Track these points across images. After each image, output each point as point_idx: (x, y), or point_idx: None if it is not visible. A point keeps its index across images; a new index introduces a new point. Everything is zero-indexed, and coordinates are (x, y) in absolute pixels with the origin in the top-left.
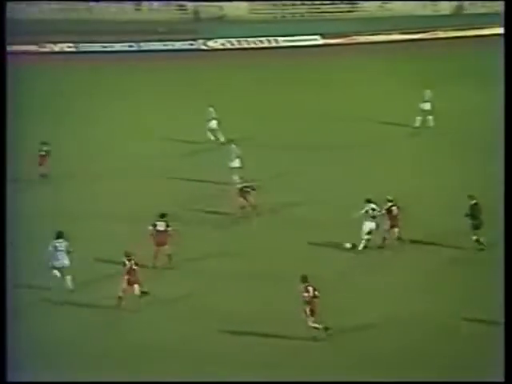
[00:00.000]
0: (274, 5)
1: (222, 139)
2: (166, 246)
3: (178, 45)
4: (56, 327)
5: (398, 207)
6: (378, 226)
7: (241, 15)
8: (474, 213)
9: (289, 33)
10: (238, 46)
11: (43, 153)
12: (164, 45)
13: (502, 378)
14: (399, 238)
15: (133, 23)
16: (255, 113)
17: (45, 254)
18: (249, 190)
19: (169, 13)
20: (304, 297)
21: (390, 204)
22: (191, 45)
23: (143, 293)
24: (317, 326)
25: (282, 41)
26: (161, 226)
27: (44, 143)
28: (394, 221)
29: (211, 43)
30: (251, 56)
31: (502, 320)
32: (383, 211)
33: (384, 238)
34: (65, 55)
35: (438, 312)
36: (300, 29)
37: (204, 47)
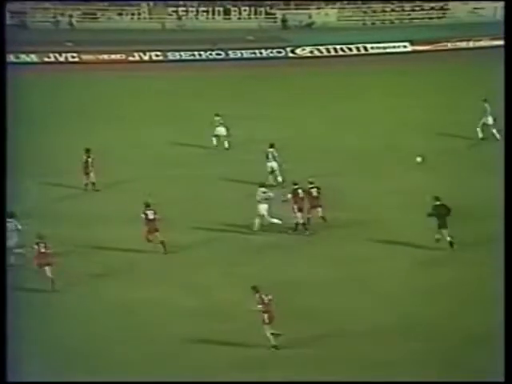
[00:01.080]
0: (363, 12)
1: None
2: (158, 233)
3: (265, 53)
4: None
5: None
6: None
7: (329, 22)
8: (437, 213)
9: (378, 40)
10: (326, 54)
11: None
12: (252, 53)
13: (502, 378)
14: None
15: (222, 32)
16: (344, 119)
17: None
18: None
19: (257, 21)
20: (260, 307)
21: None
22: (279, 53)
23: None
24: (275, 332)
25: (371, 48)
26: (150, 214)
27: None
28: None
29: (299, 51)
30: (340, 63)
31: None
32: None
33: (308, 218)
34: (154, 64)
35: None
36: (389, 35)
37: (292, 55)
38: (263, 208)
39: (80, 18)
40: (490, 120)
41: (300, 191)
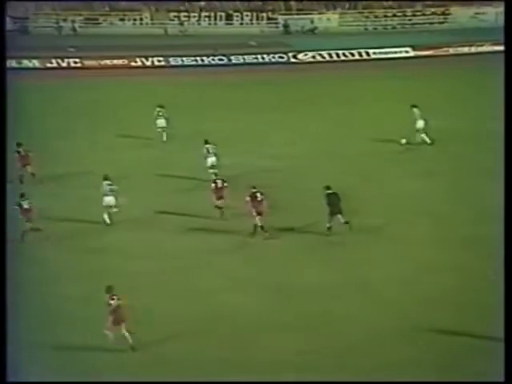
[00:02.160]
0: (365, 17)
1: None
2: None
3: (267, 58)
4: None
5: (262, 193)
6: (116, 199)
7: (331, 27)
8: (329, 201)
9: (380, 45)
10: (328, 59)
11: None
12: (254, 58)
13: (502, 378)
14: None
15: (224, 37)
16: (346, 124)
17: None
18: None
19: (259, 26)
20: (110, 306)
21: (253, 191)
22: (281, 58)
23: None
24: (128, 337)
25: (373, 53)
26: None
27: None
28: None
29: (301, 56)
30: (341, 68)
31: None
32: None
33: (255, 226)
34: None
35: None
36: (391, 40)
37: (294, 60)
38: (108, 200)
39: (82, 24)
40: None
41: (258, 194)
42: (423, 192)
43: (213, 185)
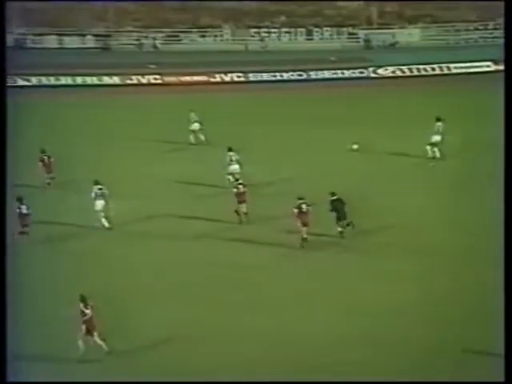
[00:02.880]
0: (446, 31)
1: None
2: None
3: (347, 73)
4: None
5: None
6: (107, 202)
7: (413, 42)
8: (334, 207)
9: (461, 59)
10: (408, 74)
11: None
12: (333, 73)
13: (502, 378)
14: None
15: (304, 53)
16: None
17: None
18: None
19: (340, 41)
20: (83, 315)
21: (299, 202)
22: (361, 73)
23: None
24: (103, 345)
25: (454, 67)
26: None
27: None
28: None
29: (381, 71)
30: (422, 83)
31: None
32: None
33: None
34: (234, 85)
35: None
36: (472, 55)
37: (374, 75)
38: (99, 204)
39: (164, 41)
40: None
41: (304, 206)
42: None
43: (234, 190)
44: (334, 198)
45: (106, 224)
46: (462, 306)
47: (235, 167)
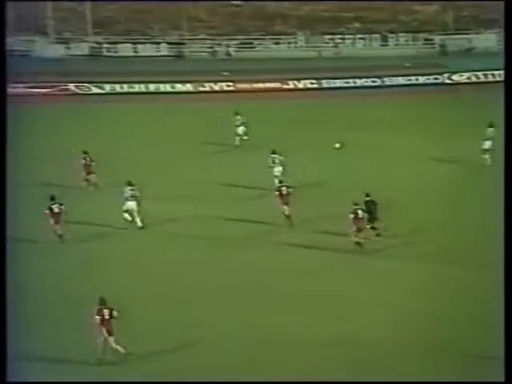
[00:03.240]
0: None
1: None
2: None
3: (422, 79)
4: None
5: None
6: (138, 204)
7: (490, 47)
8: (368, 208)
9: None
10: (483, 80)
11: None
12: (408, 79)
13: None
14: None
15: (379, 59)
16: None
17: None
18: None
19: (415, 47)
20: (97, 319)
21: (355, 207)
22: (436, 79)
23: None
24: (118, 348)
25: None
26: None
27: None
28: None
29: (456, 77)
30: (498, 89)
31: None
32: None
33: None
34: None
35: None
36: None
37: (448, 81)
38: (131, 205)
39: (237, 48)
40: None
41: (360, 212)
42: None
43: (276, 192)
44: (368, 199)
45: (139, 223)
46: None
47: (278, 169)
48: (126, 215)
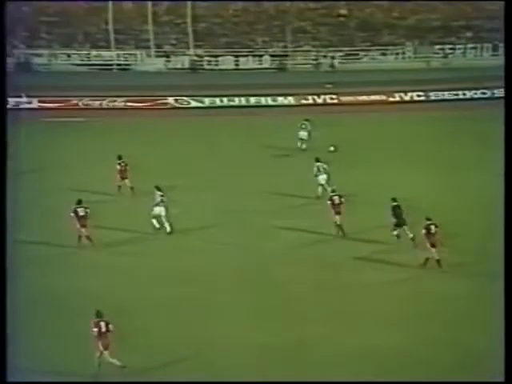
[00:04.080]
0: None
1: None
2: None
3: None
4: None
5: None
6: (166, 210)
7: None
8: (395, 213)
9: None
10: None
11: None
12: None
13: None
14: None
15: (490, 69)
16: None
17: None
18: None
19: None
20: (94, 331)
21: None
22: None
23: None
24: (115, 362)
25: None
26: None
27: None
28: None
29: None
30: None
31: None
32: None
33: (427, 258)
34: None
35: None
36: None
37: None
38: (159, 210)
39: (342, 60)
40: None
41: (433, 227)
42: None
43: (329, 202)
44: (395, 204)
45: (168, 228)
46: None
47: (323, 177)
48: (154, 221)
